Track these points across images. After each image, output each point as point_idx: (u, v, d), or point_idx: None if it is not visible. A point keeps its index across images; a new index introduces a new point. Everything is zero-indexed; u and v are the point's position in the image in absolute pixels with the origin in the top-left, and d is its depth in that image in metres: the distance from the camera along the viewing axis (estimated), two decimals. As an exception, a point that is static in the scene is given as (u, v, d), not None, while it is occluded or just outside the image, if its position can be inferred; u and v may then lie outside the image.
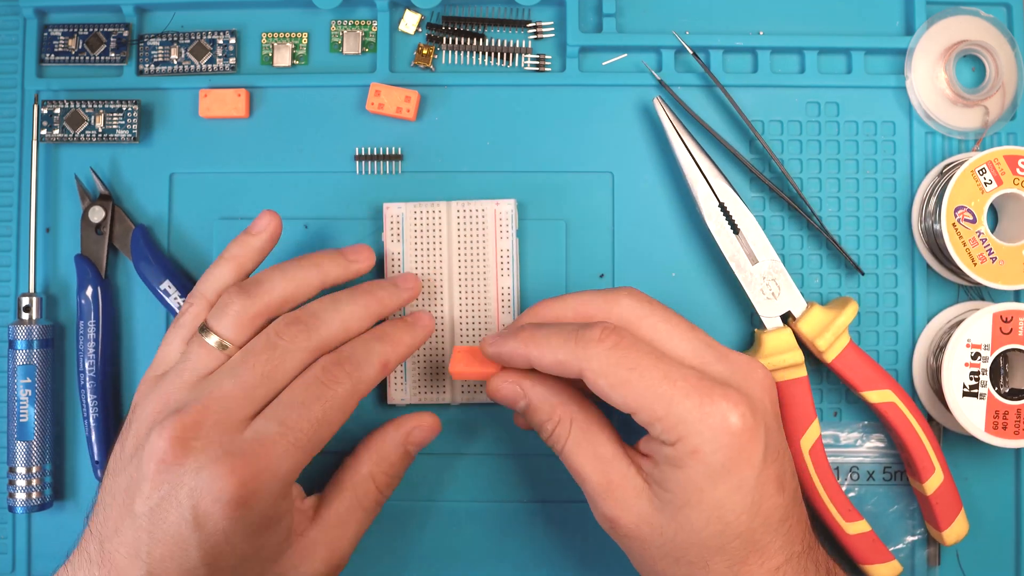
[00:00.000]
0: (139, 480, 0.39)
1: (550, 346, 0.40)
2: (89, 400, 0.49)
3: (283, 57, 0.52)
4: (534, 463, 0.50)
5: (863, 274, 0.50)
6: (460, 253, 0.49)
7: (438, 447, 0.50)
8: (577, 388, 0.43)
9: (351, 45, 0.52)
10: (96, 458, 0.50)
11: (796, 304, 0.48)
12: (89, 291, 0.50)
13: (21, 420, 0.49)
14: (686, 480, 0.38)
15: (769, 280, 0.48)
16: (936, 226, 0.48)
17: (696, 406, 0.38)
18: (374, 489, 0.45)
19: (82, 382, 0.49)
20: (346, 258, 0.46)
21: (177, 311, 0.49)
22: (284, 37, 0.52)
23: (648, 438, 0.40)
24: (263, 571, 0.41)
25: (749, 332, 0.50)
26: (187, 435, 0.39)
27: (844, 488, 0.50)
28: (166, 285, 0.49)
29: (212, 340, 0.42)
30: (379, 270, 0.50)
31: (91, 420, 0.49)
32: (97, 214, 0.50)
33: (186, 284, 0.50)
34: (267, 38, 0.52)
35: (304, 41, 0.52)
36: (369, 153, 0.51)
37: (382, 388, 0.50)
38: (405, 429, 0.45)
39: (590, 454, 0.41)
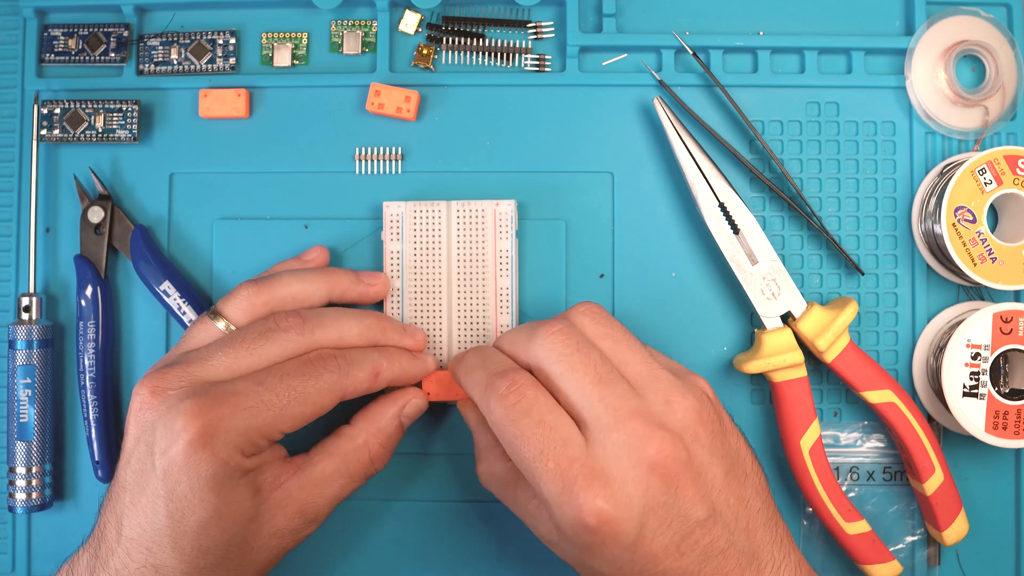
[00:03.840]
0: (124, 446, 0.41)
1: (472, 382, 0.43)
2: (89, 400, 0.49)
3: (283, 57, 0.52)
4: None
5: (863, 274, 0.50)
6: (459, 253, 0.49)
7: (422, 447, 0.50)
8: None
9: (351, 45, 0.52)
10: (96, 458, 0.50)
11: (796, 304, 0.48)
12: (89, 291, 0.50)
13: (21, 420, 0.49)
14: (566, 546, 0.40)
15: (769, 280, 0.48)
16: (936, 226, 0.48)
17: (556, 492, 0.38)
18: (367, 458, 0.45)
19: (82, 382, 0.49)
20: (361, 279, 0.48)
21: (177, 311, 0.50)
22: (284, 37, 0.52)
23: None
24: (228, 538, 0.41)
25: (749, 332, 0.50)
26: (164, 384, 0.40)
27: (844, 488, 0.50)
28: (166, 286, 0.49)
29: (220, 323, 0.44)
30: (379, 263, 0.50)
31: (91, 419, 0.49)
32: (96, 214, 0.50)
33: (186, 285, 0.50)
34: (267, 38, 0.52)
35: (304, 41, 0.52)
36: (369, 153, 0.51)
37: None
38: (400, 402, 0.46)
39: (514, 503, 0.44)
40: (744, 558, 0.40)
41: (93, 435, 0.49)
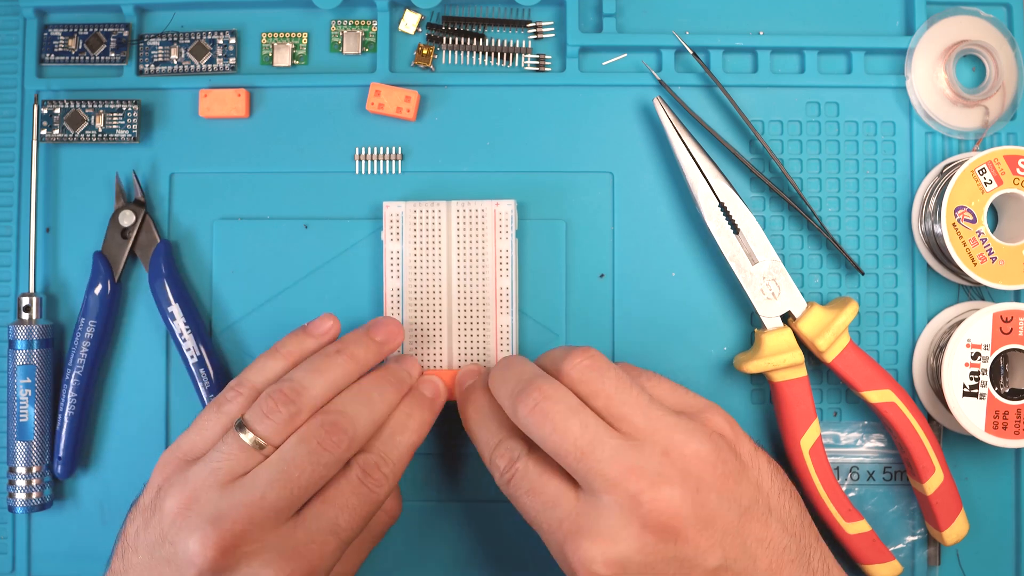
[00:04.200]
0: (176, 550, 0.39)
1: (477, 439, 0.44)
2: (69, 396, 0.49)
3: (283, 57, 0.52)
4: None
5: (863, 274, 0.50)
6: (459, 253, 0.49)
7: (429, 447, 0.50)
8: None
9: (351, 45, 0.52)
10: (60, 454, 0.49)
11: (796, 304, 0.48)
12: (98, 290, 0.50)
13: (21, 420, 0.49)
14: None
15: (769, 280, 0.48)
16: (936, 226, 0.48)
17: (560, 543, 0.40)
18: (384, 516, 0.46)
19: (67, 376, 0.49)
20: (374, 340, 0.46)
21: (178, 336, 0.49)
22: (284, 37, 0.52)
23: None
24: None
25: (749, 332, 0.50)
26: (236, 543, 0.39)
27: (844, 488, 0.50)
28: (174, 308, 0.49)
29: (248, 438, 0.41)
30: (377, 269, 0.50)
31: (66, 415, 0.49)
32: (127, 218, 0.50)
33: (193, 312, 0.50)
34: (267, 38, 0.52)
35: (304, 41, 0.52)
36: (369, 153, 0.51)
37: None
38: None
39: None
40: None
41: (64, 431, 0.49)
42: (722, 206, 0.48)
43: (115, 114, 0.51)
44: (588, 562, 0.38)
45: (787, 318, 0.48)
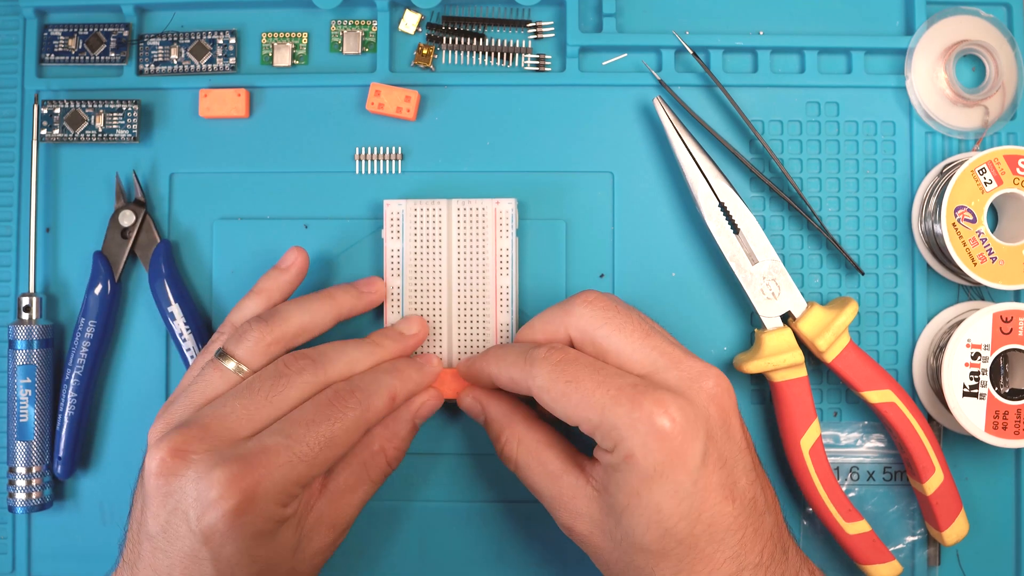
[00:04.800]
0: (147, 499, 0.40)
1: (505, 364, 0.43)
2: (69, 396, 0.49)
3: (283, 57, 0.52)
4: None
5: (863, 274, 0.50)
6: (459, 251, 0.49)
7: (427, 447, 0.50)
8: (530, 409, 0.46)
9: (351, 45, 0.52)
10: (60, 454, 0.49)
11: (796, 304, 0.48)
12: (98, 290, 0.50)
13: (21, 420, 0.49)
14: (625, 484, 0.39)
15: (769, 280, 0.48)
16: (936, 226, 0.48)
17: (627, 412, 0.39)
18: (384, 462, 0.46)
19: (67, 376, 0.49)
20: (359, 290, 0.47)
21: (178, 336, 0.50)
22: (284, 37, 0.52)
23: (597, 446, 0.41)
24: (278, 569, 0.42)
25: (749, 332, 0.50)
26: (186, 447, 0.39)
27: (844, 488, 0.50)
28: (174, 308, 0.49)
29: (230, 364, 0.43)
30: (378, 267, 0.50)
31: (66, 415, 0.49)
32: (127, 218, 0.50)
33: (193, 311, 0.50)
34: (267, 38, 0.52)
35: (304, 41, 0.52)
36: (369, 153, 0.51)
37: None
38: (414, 406, 0.46)
39: (539, 471, 0.44)
40: (776, 530, 0.41)
41: (64, 431, 0.49)
42: (722, 206, 0.48)
43: (115, 114, 0.51)
44: (669, 409, 0.38)
45: (787, 318, 0.48)
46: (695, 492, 0.39)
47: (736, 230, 0.48)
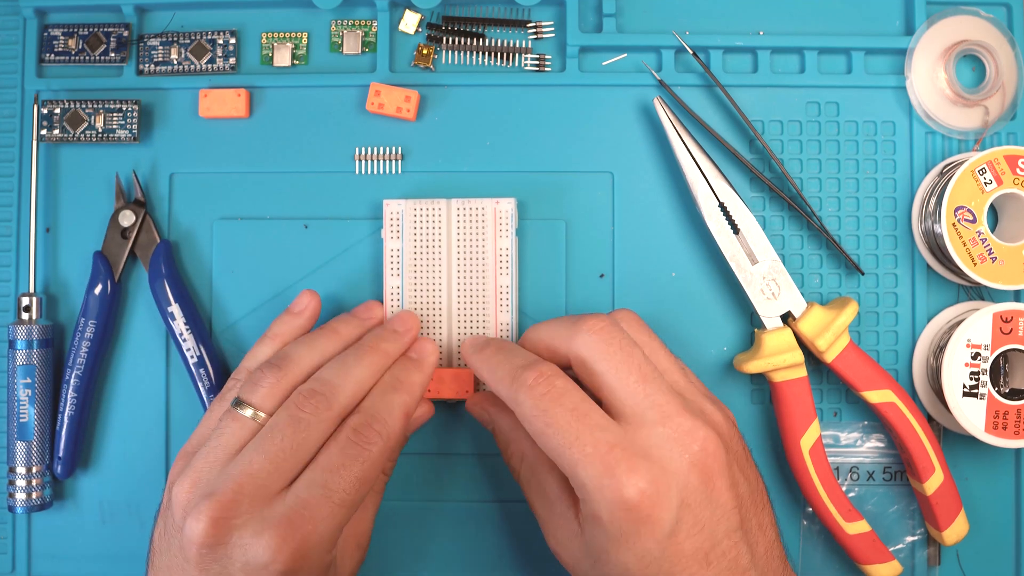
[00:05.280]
0: (185, 567, 0.39)
1: (496, 377, 0.43)
2: (69, 396, 0.49)
3: (283, 57, 0.52)
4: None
5: (863, 274, 0.50)
6: (459, 251, 0.49)
7: (428, 446, 0.50)
8: None
9: (351, 45, 0.52)
10: (60, 454, 0.49)
11: (796, 304, 0.48)
12: (98, 290, 0.50)
13: (21, 420, 0.49)
14: (595, 538, 0.39)
15: (769, 280, 0.48)
16: (936, 226, 0.48)
17: (595, 475, 0.38)
18: (382, 474, 0.46)
19: (67, 376, 0.49)
20: (359, 319, 0.48)
21: (178, 336, 0.50)
22: (284, 37, 0.52)
23: None
24: None
25: (749, 332, 0.50)
26: (226, 515, 0.39)
27: (844, 488, 0.50)
28: (174, 308, 0.49)
29: (247, 412, 0.42)
30: (378, 268, 0.50)
31: (66, 415, 0.49)
32: (127, 218, 0.50)
33: (193, 312, 0.50)
34: (267, 38, 0.52)
35: (304, 41, 0.52)
36: (369, 153, 0.51)
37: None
38: (410, 420, 0.46)
39: (537, 490, 0.44)
40: None
41: (64, 432, 0.49)
42: (722, 206, 0.48)
43: (115, 114, 0.51)
44: (639, 481, 0.38)
45: (787, 318, 0.48)
46: (663, 558, 0.38)
47: (736, 230, 0.48)
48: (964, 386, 0.46)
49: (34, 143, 0.51)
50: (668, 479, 0.38)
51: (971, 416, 0.46)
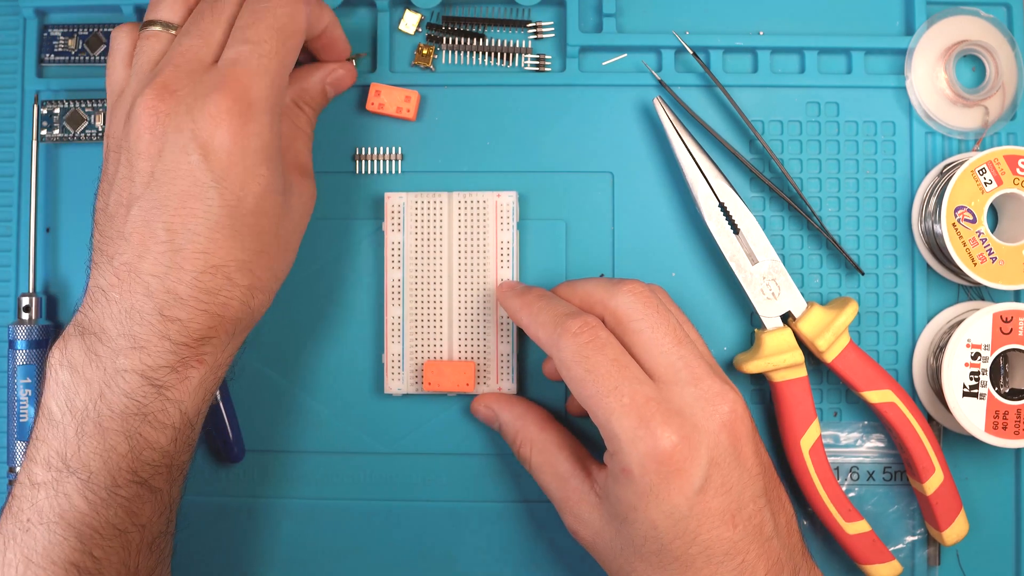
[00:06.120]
0: (133, 156, 0.40)
1: (537, 322, 0.43)
2: None
3: (283, 57, 0.52)
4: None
5: (863, 274, 0.50)
6: (460, 244, 0.49)
7: (424, 446, 0.50)
8: (542, 410, 0.47)
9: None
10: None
11: (796, 304, 0.48)
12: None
13: (21, 420, 0.49)
14: (623, 495, 0.40)
15: (769, 280, 0.48)
16: (936, 226, 0.48)
17: (630, 426, 0.39)
18: (302, 114, 0.47)
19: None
20: None
21: None
22: (284, 37, 0.52)
23: (607, 451, 0.41)
24: (276, 212, 0.42)
25: (749, 332, 0.50)
26: (168, 87, 0.39)
27: (844, 488, 0.50)
28: None
29: (158, 27, 0.42)
30: (379, 266, 0.50)
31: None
32: None
33: None
34: (267, 38, 0.52)
35: (304, 41, 0.52)
36: (369, 153, 0.51)
37: (379, 379, 0.50)
38: (327, 69, 0.47)
39: (550, 472, 0.45)
40: (785, 552, 0.41)
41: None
42: (722, 206, 0.48)
43: (115, 114, 0.51)
44: (672, 434, 0.39)
45: (787, 318, 0.48)
46: (691, 516, 0.39)
47: (736, 230, 0.48)
48: (964, 386, 0.46)
49: (34, 143, 0.51)
50: (699, 436, 0.39)
51: (971, 416, 0.46)
